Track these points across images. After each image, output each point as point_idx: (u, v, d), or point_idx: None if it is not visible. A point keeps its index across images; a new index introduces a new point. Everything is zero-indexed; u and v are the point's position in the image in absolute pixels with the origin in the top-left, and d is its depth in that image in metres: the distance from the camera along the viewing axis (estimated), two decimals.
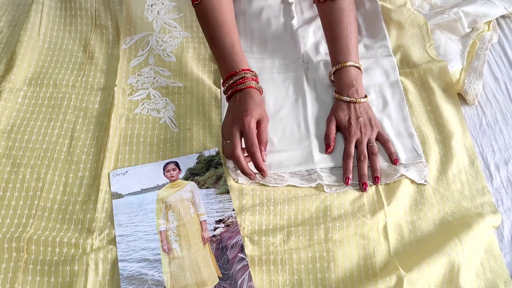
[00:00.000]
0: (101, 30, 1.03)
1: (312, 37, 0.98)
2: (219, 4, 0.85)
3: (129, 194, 0.77)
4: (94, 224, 0.73)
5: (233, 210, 0.74)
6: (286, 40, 0.99)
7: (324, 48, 0.96)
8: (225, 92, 0.83)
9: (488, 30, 1.00)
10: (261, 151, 0.76)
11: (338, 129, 0.82)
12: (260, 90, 0.83)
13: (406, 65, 0.94)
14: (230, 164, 0.79)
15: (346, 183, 0.76)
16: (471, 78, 0.89)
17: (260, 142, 0.77)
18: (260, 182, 0.77)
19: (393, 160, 0.78)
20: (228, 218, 0.74)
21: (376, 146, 0.79)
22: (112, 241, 0.72)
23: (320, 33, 0.98)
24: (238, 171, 0.78)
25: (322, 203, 0.75)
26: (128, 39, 1.01)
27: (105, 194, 0.77)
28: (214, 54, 0.87)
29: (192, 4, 0.88)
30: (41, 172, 0.79)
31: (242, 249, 0.70)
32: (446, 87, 0.89)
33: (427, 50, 0.95)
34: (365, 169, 0.77)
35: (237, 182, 0.77)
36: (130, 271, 0.68)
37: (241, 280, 0.67)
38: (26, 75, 0.94)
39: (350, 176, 0.77)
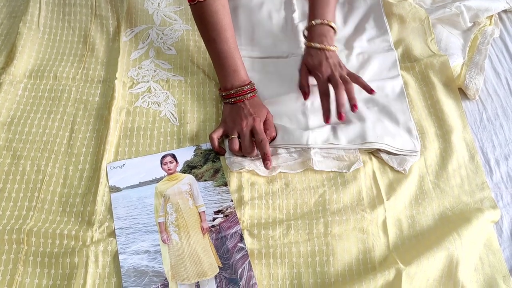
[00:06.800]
0: (101, 20, 1.03)
1: None
2: (223, 7, 0.84)
3: (127, 187, 0.77)
4: (94, 216, 0.73)
5: (231, 201, 0.75)
6: (287, 34, 0.99)
7: None
8: (223, 97, 0.84)
9: (489, 24, 1.00)
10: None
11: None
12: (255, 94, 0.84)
13: (407, 59, 0.93)
14: (230, 156, 0.79)
15: (327, 122, 0.78)
16: (472, 73, 0.89)
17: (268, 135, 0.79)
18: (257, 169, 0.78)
19: (369, 90, 0.79)
20: (227, 209, 0.74)
21: (348, 78, 0.80)
22: (112, 233, 0.72)
23: None
24: (234, 160, 0.78)
25: (321, 197, 0.75)
26: (129, 31, 1.00)
27: (105, 187, 0.77)
28: (212, 57, 0.86)
29: (193, 1, 0.84)
30: (41, 164, 0.79)
31: (241, 238, 0.70)
32: (447, 81, 0.89)
33: (429, 44, 0.95)
34: (343, 98, 0.78)
35: (235, 171, 0.78)
36: (131, 263, 0.68)
37: (241, 269, 0.68)
38: (27, 67, 0.93)
39: (330, 115, 0.78)
